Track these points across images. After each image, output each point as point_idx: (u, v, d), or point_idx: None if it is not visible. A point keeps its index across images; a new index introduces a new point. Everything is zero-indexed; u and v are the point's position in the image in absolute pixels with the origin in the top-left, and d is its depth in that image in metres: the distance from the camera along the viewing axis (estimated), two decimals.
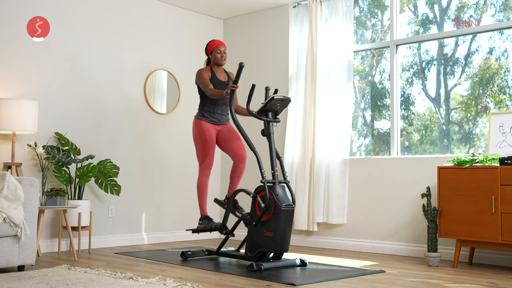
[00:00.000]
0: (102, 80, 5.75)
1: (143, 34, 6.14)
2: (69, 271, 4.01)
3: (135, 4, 6.08)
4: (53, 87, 5.36)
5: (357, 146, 6.06)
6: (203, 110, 4.92)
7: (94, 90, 5.68)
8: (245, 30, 6.79)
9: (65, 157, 5.19)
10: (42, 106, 5.21)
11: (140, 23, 6.12)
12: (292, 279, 3.84)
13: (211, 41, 4.99)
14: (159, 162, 6.22)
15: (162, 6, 6.35)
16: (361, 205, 5.63)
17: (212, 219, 4.96)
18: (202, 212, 4.97)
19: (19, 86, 5.11)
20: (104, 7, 5.80)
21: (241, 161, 4.94)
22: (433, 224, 4.59)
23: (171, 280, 3.65)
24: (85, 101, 5.60)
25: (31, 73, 5.21)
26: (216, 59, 4.93)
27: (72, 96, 5.50)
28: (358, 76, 6.08)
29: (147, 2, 6.19)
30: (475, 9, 5.37)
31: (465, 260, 4.85)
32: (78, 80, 5.55)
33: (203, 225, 4.91)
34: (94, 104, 5.67)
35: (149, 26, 6.21)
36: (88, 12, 5.65)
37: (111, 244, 5.70)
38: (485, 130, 5.25)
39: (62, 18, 5.44)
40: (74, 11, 5.54)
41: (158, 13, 6.31)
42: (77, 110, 5.53)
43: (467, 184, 4.45)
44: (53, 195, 4.83)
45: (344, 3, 5.85)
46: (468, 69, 5.39)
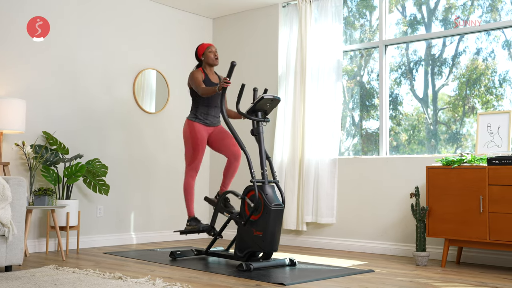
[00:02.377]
0: (90, 79, 5.72)
1: (132, 33, 6.11)
2: (57, 271, 3.98)
3: (124, 3, 6.05)
4: (41, 86, 5.32)
5: (346, 146, 6.08)
6: (196, 112, 4.89)
7: (82, 89, 5.65)
8: (234, 29, 6.79)
9: (53, 156, 5.16)
10: (30, 105, 5.18)
11: (129, 22, 6.09)
12: (282, 278, 3.84)
13: (200, 44, 5.00)
14: (148, 161, 6.20)
15: (151, 5, 6.32)
16: (350, 205, 5.65)
17: (200, 221, 4.94)
18: (189, 213, 4.96)
19: (7, 85, 5.06)
20: (93, 6, 5.76)
21: (236, 158, 4.92)
22: (422, 224, 4.62)
23: (161, 280, 3.64)
24: (73, 100, 5.56)
25: (19, 72, 5.16)
26: (210, 59, 4.91)
27: (61, 95, 5.47)
28: (346, 76, 6.10)
29: (136, 1, 6.17)
30: (463, 10, 5.41)
31: (453, 259, 4.89)
32: (66, 79, 5.52)
33: (191, 226, 4.90)
34: (83, 103, 5.64)
35: (138, 25, 6.18)
36: (76, 11, 5.62)
37: (100, 244, 5.67)
38: (472, 130, 5.30)
39: (50, 18, 5.40)
40: (62, 11, 5.50)
41: (147, 12, 6.29)
42: (66, 109, 5.50)
43: (455, 184, 4.48)
44: (41, 194, 4.79)
45: (333, 3, 5.86)
46: (455, 69, 5.43)
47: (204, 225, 4.84)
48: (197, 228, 4.85)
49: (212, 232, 4.84)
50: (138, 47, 6.17)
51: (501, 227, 4.22)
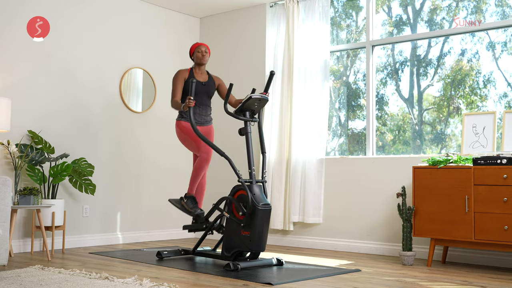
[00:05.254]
0: (76, 78, 5.68)
1: (119, 32, 6.08)
2: (43, 272, 3.95)
3: (110, 2, 6.01)
4: (26, 85, 5.27)
5: (332, 146, 6.10)
6: (182, 111, 4.90)
7: (68, 88, 5.60)
8: (222, 29, 6.78)
9: (38, 155, 5.12)
10: (16, 104, 5.12)
11: (115, 21, 6.06)
12: (269, 278, 3.85)
13: (194, 44, 5.04)
14: (135, 161, 6.17)
15: (138, 4, 6.29)
16: (337, 205, 5.68)
17: (197, 203, 4.89)
18: (190, 191, 4.89)
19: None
20: (81, 4, 5.72)
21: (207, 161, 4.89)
22: (408, 224, 4.66)
23: (148, 280, 3.62)
24: (59, 99, 5.52)
25: (4, 71, 5.11)
26: (197, 58, 4.97)
27: (46, 94, 5.42)
28: (333, 76, 6.13)
29: (123, 0, 6.13)
30: (448, 11, 5.46)
31: (439, 258, 4.93)
32: (52, 78, 5.47)
33: (187, 206, 4.82)
34: (69, 102, 5.60)
35: (124, 24, 6.15)
36: (64, 9, 5.57)
37: (86, 244, 5.63)
38: (457, 130, 5.35)
39: (38, 14, 5.34)
40: (48, 10, 5.45)
41: (133, 11, 6.26)
42: (51, 108, 5.45)
43: (441, 184, 4.52)
44: (26, 194, 4.75)
45: (321, 3, 5.88)
46: (440, 70, 5.48)
47: (200, 212, 4.77)
48: (192, 212, 4.78)
49: (205, 225, 4.81)
50: (124, 46, 6.13)
51: (486, 226, 4.26)
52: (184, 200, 4.88)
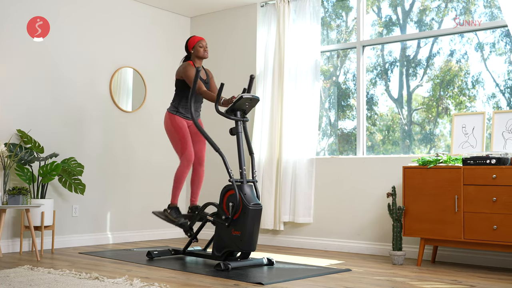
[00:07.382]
0: (66, 77, 5.64)
1: (109, 30, 6.05)
2: (32, 272, 3.93)
3: (101, 1, 5.98)
4: (15, 83, 5.23)
5: (322, 146, 6.12)
6: (178, 106, 4.89)
7: (58, 87, 5.57)
8: (212, 28, 6.77)
9: (27, 155, 5.08)
10: (4, 103, 5.08)
11: (106, 19, 6.03)
12: (260, 278, 3.85)
13: (192, 37, 5.00)
14: (125, 160, 6.15)
15: (128, 3, 6.27)
16: (327, 205, 5.69)
17: (180, 213, 4.91)
18: (173, 201, 4.91)
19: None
20: (69, 2, 5.69)
21: (200, 163, 4.97)
22: (398, 223, 4.68)
23: (138, 280, 3.61)
24: (49, 99, 5.48)
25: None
26: (199, 53, 4.93)
27: (36, 94, 5.38)
28: (323, 76, 6.14)
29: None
30: (437, 12, 5.49)
31: (428, 258, 4.96)
32: (41, 77, 5.44)
33: (171, 216, 4.84)
34: (58, 102, 5.56)
35: (115, 23, 6.12)
36: (54, 7, 5.53)
37: (75, 244, 5.60)
38: (445, 131, 5.39)
39: (27, 12, 5.31)
40: (38, 7, 5.41)
41: (124, 10, 6.23)
42: (41, 107, 5.41)
43: (431, 184, 4.55)
44: (15, 194, 4.72)
45: (311, 3, 5.89)
46: (429, 70, 5.51)
47: (184, 222, 4.80)
48: (177, 221, 4.80)
49: (189, 233, 4.83)
50: (115, 45, 6.11)
51: (476, 226, 4.29)
52: (168, 211, 4.90)
